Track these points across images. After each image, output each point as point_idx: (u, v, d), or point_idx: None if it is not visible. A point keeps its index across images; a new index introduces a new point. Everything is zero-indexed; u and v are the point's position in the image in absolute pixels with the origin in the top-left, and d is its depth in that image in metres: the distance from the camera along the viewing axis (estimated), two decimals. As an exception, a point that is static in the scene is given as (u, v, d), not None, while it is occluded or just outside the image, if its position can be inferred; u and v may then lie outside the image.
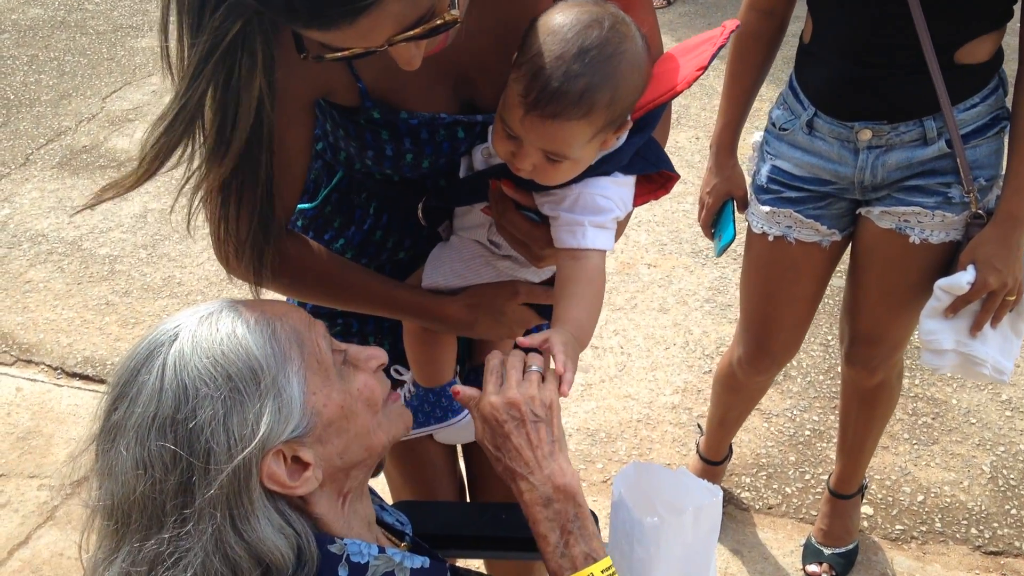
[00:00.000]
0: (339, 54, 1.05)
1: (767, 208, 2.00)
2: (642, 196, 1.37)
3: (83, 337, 3.38)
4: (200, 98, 1.04)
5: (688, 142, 4.39)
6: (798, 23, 1.94)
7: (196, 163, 1.12)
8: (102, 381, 3.20)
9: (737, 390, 2.36)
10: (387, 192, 1.46)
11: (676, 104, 1.39)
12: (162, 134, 1.08)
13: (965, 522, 2.57)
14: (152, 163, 1.10)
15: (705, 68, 1.27)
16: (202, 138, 1.10)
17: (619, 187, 1.31)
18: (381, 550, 1.07)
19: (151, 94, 5.08)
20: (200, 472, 0.98)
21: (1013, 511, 2.59)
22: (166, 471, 0.98)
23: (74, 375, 3.24)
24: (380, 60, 1.09)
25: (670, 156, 1.40)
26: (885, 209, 1.88)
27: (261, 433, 1.00)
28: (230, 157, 1.11)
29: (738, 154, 2.15)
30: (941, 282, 1.81)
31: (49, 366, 3.27)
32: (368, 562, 1.04)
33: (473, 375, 1.65)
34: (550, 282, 1.44)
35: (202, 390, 1.00)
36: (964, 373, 1.92)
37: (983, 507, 2.60)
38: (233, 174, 1.14)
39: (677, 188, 3.98)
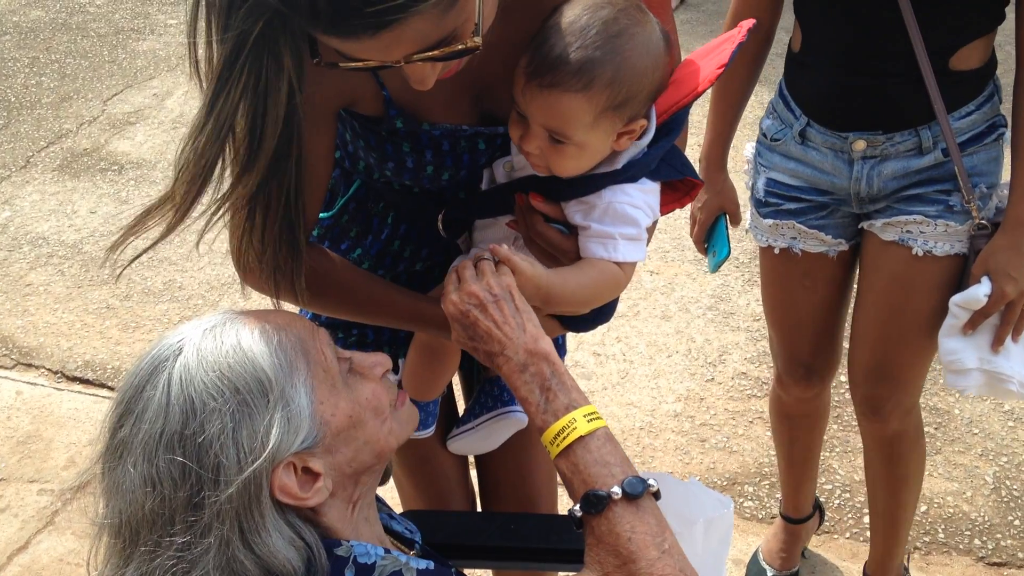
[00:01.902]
0: (354, 64, 1.04)
1: (769, 221, 1.97)
2: (667, 204, 1.36)
3: (83, 341, 3.37)
4: (234, 107, 1.02)
5: (687, 148, 4.38)
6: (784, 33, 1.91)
7: (224, 179, 1.09)
8: (102, 385, 3.19)
9: (789, 416, 2.25)
10: (405, 202, 1.45)
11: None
12: (200, 150, 1.04)
13: (968, 533, 2.56)
14: (193, 185, 1.07)
15: (727, 65, 1.27)
16: (232, 151, 1.06)
17: (646, 194, 1.30)
18: (387, 551, 1.06)
19: (152, 97, 5.07)
20: (210, 487, 0.97)
21: (1016, 522, 2.58)
22: (175, 487, 0.98)
23: (74, 379, 3.23)
24: (401, 71, 1.08)
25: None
26: (887, 220, 1.84)
27: (271, 445, 0.99)
28: (258, 169, 1.08)
29: (729, 167, 2.11)
30: (956, 298, 1.75)
31: (49, 370, 3.26)
32: (375, 562, 1.04)
33: (488, 385, 1.64)
34: None
35: (210, 404, 0.99)
36: (991, 392, 1.82)
37: (986, 518, 2.60)
38: (261, 187, 1.11)
39: (679, 195, 4.00)
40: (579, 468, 1.07)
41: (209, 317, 1.09)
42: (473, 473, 1.88)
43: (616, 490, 1.05)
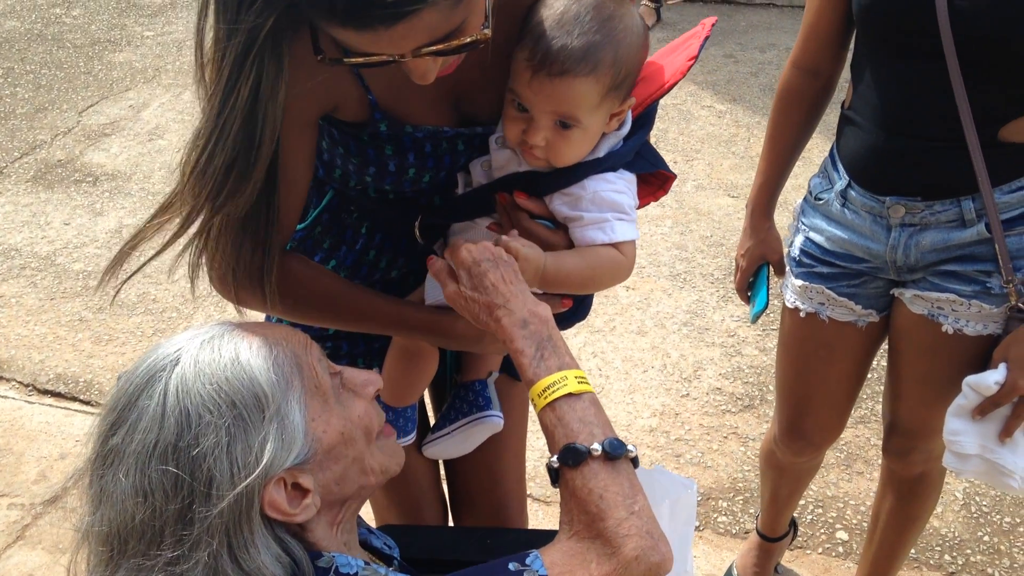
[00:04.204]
0: (359, 59, 1.05)
1: (800, 282, 1.88)
2: (643, 198, 1.41)
3: (55, 354, 3.34)
4: (242, 108, 1.01)
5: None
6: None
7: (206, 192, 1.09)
8: (74, 399, 3.16)
9: (780, 469, 2.21)
10: (380, 211, 1.46)
11: (654, 128, 1.44)
12: (210, 154, 1.04)
13: (939, 548, 2.59)
14: (203, 191, 1.06)
15: (696, 57, 1.34)
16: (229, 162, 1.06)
17: (626, 182, 1.35)
18: (367, 563, 1.07)
19: (128, 109, 5.05)
20: (201, 500, 0.97)
21: (986, 538, 2.61)
22: (166, 499, 0.98)
23: (46, 392, 3.19)
24: (387, 74, 1.10)
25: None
26: (918, 293, 1.74)
27: (264, 461, 0.99)
28: (255, 180, 1.08)
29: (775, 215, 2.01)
30: (969, 379, 1.65)
31: (20, 383, 3.22)
32: (356, 573, 1.04)
33: (462, 391, 1.65)
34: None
35: (205, 417, 0.99)
36: (989, 481, 1.73)
37: (956, 533, 2.63)
38: (256, 197, 1.12)
39: (655, 211, 4.04)
40: (564, 420, 1.09)
41: (206, 327, 1.09)
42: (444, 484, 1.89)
43: (596, 447, 1.07)
